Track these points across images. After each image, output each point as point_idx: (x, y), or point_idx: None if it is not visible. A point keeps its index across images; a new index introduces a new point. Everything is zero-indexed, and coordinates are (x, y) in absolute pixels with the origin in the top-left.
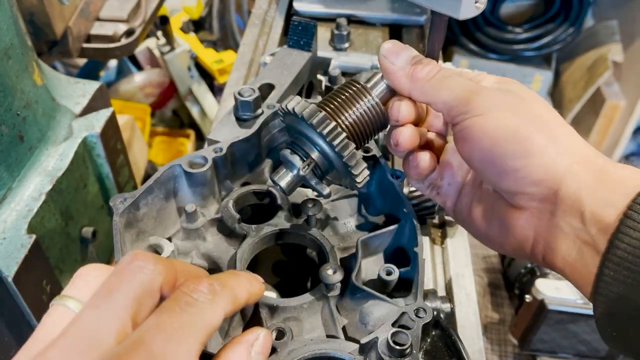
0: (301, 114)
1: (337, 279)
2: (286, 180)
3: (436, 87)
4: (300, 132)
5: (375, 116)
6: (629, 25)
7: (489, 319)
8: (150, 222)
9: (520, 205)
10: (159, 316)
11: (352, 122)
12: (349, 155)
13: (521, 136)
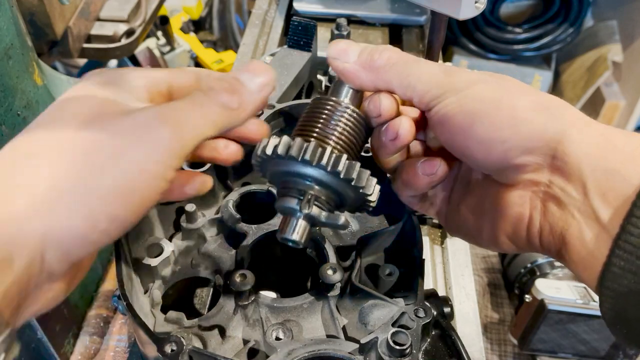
0: (286, 153)
1: (337, 279)
2: (295, 229)
3: (402, 72)
4: (288, 173)
5: (358, 124)
6: (629, 25)
7: (488, 319)
8: (150, 222)
9: (512, 181)
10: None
11: (341, 140)
12: (358, 176)
13: (504, 105)
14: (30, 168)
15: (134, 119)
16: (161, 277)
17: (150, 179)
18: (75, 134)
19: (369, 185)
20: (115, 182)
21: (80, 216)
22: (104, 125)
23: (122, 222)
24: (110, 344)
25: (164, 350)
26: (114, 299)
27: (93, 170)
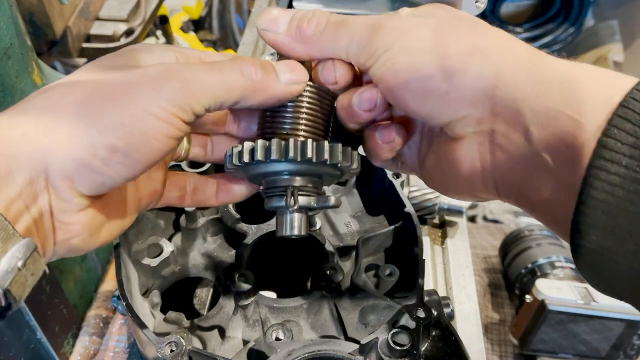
0: (253, 159)
1: (337, 279)
2: (289, 225)
3: (332, 37)
4: (263, 174)
5: (315, 98)
6: (629, 25)
7: (489, 319)
8: (151, 222)
9: (459, 134)
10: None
11: (302, 124)
12: (330, 154)
13: (435, 54)
14: (39, 100)
15: (145, 70)
16: (161, 277)
17: (154, 123)
18: (86, 76)
19: (345, 158)
20: (116, 118)
21: (79, 143)
22: (115, 72)
23: (124, 155)
24: (109, 345)
25: (164, 351)
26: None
27: (97, 106)
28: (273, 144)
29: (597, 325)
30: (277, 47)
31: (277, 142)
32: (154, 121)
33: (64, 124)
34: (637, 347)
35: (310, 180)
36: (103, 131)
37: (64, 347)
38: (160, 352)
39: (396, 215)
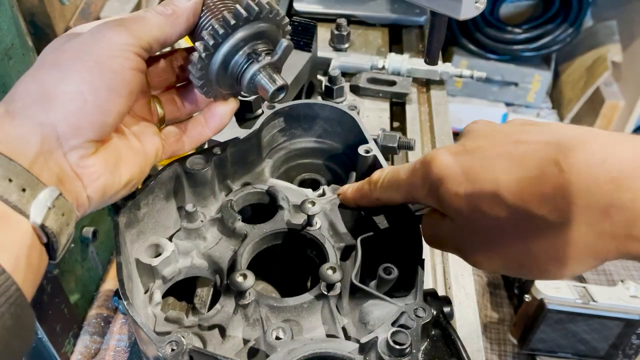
0: (212, 46)
1: (337, 278)
2: (272, 78)
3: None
4: (225, 56)
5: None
6: (628, 25)
7: (488, 319)
8: (151, 221)
9: None
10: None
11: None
12: (260, 8)
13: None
14: (24, 79)
15: (93, 28)
16: (161, 277)
17: (116, 57)
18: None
19: (262, 7)
20: (87, 66)
21: (69, 94)
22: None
23: (108, 90)
24: (110, 344)
25: (164, 350)
26: (115, 299)
27: (73, 62)
28: (216, 24)
29: (596, 324)
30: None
31: (217, 21)
32: (117, 59)
33: (51, 87)
34: (635, 346)
35: (263, 40)
36: (84, 78)
37: (65, 347)
38: (161, 351)
39: (396, 215)
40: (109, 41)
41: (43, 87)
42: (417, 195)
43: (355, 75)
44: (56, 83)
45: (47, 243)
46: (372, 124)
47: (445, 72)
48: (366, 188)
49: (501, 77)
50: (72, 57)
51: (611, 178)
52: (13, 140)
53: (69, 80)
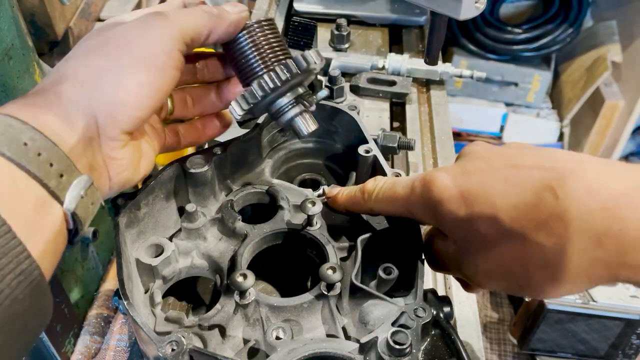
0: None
1: (337, 278)
2: (309, 121)
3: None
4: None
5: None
6: (628, 25)
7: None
8: (151, 221)
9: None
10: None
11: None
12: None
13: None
14: (71, 62)
15: (140, 18)
16: (161, 277)
17: (162, 54)
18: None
19: (309, 62)
20: (134, 59)
21: (114, 85)
22: (117, 25)
23: (150, 86)
24: (110, 344)
25: (164, 350)
26: (115, 299)
27: (120, 55)
28: (267, 79)
29: (596, 324)
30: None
31: (270, 76)
32: (161, 53)
33: (97, 75)
34: (635, 346)
35: (302, 86)
36: (128, 72)
37: (66, 347)
38: (161, 351)
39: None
40: (156, 36)
41: (91, 73)
42: (415, 212)
43: (355, 75)
44: (103, 71)
45: (70, 229)
46: (372, 124)
47: (445, 72)
48: (359, 196)
49: (501, 77)
50: (119, 48)
51: (603, 207)
52: (58, 123)
53: (116, 72)
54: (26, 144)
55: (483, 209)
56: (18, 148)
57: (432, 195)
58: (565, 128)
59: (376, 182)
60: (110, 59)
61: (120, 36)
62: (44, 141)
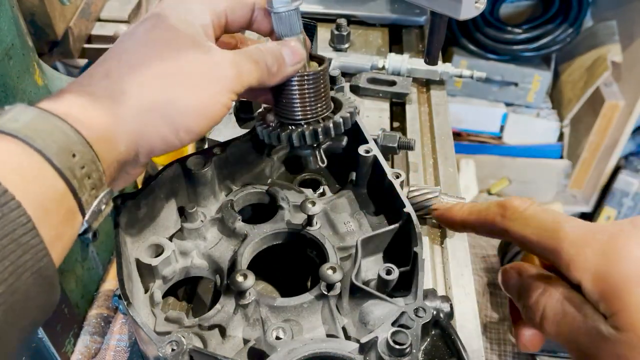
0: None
1: (337, 278)
2: (321, 158)
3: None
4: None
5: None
6: (628, 25)
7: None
8: (151, 221)
9: None
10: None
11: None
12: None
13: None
14: (129, 85)
15: (211, 57)
16: (161, 277)
17: (216, 104)
18: (162, 59)
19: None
20: (193, 104)
21: (166, 125)
22: (189, 57)
23: (194, 132)
24: (110, 344)
25: (164, 350)
26: (115, 299)
27: (177, 94)
28: (295, 137)
29: None
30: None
31: (298, 134)
32: (216, 104)
33: (155, 109)
34: None
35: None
36: (182, 116)
37: (66, 347)
38: (161, 351)
39: (396, 215)
40: (219, 84)
41: (146, 106)
42: (575, 272)
43: (355, 75)
44: (157, 109)
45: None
46: (372, 124)
47: (445, 72)
48: (494, 211)
49: (501, 77)
50: (175, 88)
51: None
52: (105, 142)
53: (169, 114)
54: (74, 156)
55: None
56: (67, 159)
57: (622, 267)
58: (565, 128)
59: (526, 203)
60: (166, 96)
61: (179, 74)
62: (89, 155)
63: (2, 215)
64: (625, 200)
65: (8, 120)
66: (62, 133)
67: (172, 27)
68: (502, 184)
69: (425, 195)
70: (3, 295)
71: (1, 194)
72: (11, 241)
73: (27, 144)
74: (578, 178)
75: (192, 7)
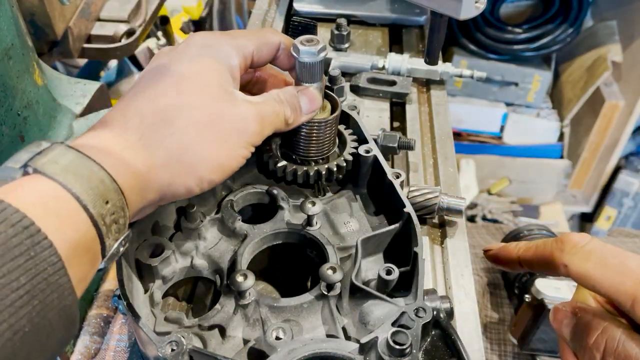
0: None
1: (337, 278)
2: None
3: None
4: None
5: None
6: (628, 25)
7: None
8: (151, 222)
9: None
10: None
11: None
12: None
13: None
14: (163, 135)
15: (239, 111)
16: (161, 277)
17: (238, 157)
18: (193, 108)
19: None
20: (219, 158)
21: (193, 177)
22: (218, 109)
23: (214, 183)
24: (110, 344)
25: (164, 350)
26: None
27: (205, 146)
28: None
29: None
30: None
31: (315, 174)
32: (238, 157)
33: (186, 162)
34: None
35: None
36: (209, 170)
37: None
38: (161, 352)
39: (396, 215)
40: (242, 139)
41: (174, 163)
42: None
43: (355, 75)
44: (184, 163)
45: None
46: (372, 124)
47: (445, 72)
48: (553, 247)
49: (501, 77)
50: (206, 138)
51: None
52: (136, 191)
53: (196, 165)
54: (107, 202)
55: None
56: (101, 207)
57: None
58: (565, 128)
59: (585, 237)
60: (196, 148)
61: (209, 127)
62: (120, 203)
63: (35, 254)
64: (626, 200)
65: (48, 162)
66: (99, 180)
67: (202, 73)
68: (502, 184)
69: (425, 195)
70: (29, 334)
71: (35, 233)
72: (42, 280)
73: (66, 189)
74: (578, 178)
75: (222, 50)
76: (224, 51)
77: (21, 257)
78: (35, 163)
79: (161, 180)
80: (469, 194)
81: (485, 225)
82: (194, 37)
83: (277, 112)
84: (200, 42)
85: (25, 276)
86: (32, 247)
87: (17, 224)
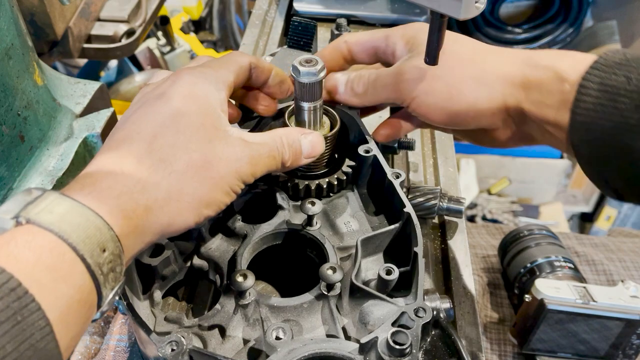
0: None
1: (337, 278)
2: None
3: (376, 93)
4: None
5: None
6: (628, 25)
7: (488, 319)
8: None
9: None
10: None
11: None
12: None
13: (453, 100)
14: (160, 175)
15: (234, 151)
16: (161, 277)
17: (231, 193)
18: (189, 150)
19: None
20: (214, 195)
21: (191, 214)
22: (213, 149)
23: (209, 217)
24: (110, 344)
25: (164, 350)
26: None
27: (202, 185)
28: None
29: (596, 324)
30: (341, 102)
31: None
32: (230, 194)
33: (184, 200)
34: (636, 346)
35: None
36: (205, 207)
37: None
38: (161, 351)
39: (396, 215)
40: (235, 177)
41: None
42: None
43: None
44: (180, 198)
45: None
46: (372, 123)
47: None
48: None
49: None
50: (204, 176)
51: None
52: (132, 239)
53: (194, 204)
54: (104, 251)
55: None
56: (98, 256)
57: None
58: None
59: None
60: (193, 188)
61: (205, 167)
62: (117, 251)
63: (22, 318)
64: None
65: (42, 211)
66: (96, 229)
67: (198, 112)
68: (502, 184)
69: (426, 196)
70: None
71: (22, 295)
72: (29, 346)
73: (62, 240)
74: (578, 178)
75: (209, 87)
76: (213, 88)
77: (7, 322)
78: (28, 213)
79: (161, 221)
80: (469, 194)
81: (485, 225)
82: (182, 73)
83: (274, 156)
84: (189, 79)
85: (12, 344)
86: (19, 310)
87: (4, 286)
